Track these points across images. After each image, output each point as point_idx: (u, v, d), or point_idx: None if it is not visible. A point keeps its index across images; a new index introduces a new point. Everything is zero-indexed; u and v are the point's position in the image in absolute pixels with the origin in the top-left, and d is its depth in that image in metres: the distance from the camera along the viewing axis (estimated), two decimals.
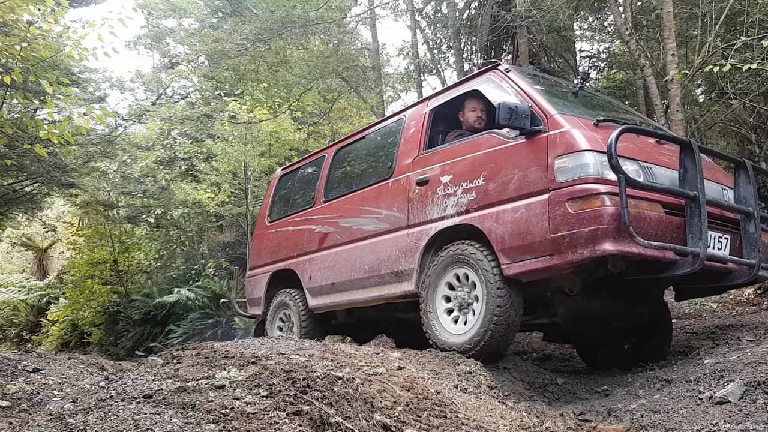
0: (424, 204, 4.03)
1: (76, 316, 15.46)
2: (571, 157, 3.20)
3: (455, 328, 3.73)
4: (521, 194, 3.41)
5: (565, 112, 3.49)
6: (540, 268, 3.28)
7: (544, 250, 3.24)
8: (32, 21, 5.22)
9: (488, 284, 3.49)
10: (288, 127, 11.88)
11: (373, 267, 4.37)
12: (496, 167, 3.59)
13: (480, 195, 3.65)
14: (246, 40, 11.30)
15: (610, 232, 3.03)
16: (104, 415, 2.03)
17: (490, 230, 3.52)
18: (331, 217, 4.96)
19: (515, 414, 2.82)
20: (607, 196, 3.07)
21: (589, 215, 3.07)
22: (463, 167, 3.82)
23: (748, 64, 6.15)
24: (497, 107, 3.39)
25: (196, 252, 14.11)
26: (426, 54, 12.66)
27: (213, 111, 14.60)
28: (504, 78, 3.89)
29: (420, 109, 4.48)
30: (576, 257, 3.11)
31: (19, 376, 3.94)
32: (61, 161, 12.32)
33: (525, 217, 3.34)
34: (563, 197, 3.18)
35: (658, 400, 3.12)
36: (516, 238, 3.37)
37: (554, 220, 3.19)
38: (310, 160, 5.79)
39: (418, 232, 4.05)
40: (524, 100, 3.58)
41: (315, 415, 2.09)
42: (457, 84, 4.40)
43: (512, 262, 3.39)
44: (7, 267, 24.81)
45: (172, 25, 19.73)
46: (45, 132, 5.36)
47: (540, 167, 3.33)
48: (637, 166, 3.26)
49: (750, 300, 5.86)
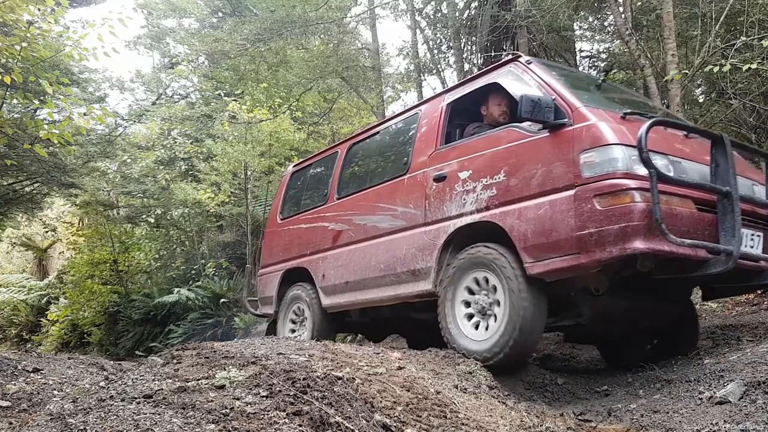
0: (442, 201, 3.92)
1: (76, 316, 15.47)
2: (599, 151, 3.08)
3: (476, 333, 3.59)
4: (545, 190, 3.28)
5: (590, 104, 3.37)
6: (566, 267, 3.15)
7: (570, 248, 3.11)
8: (32, 21, 5.22)
9: (510, 286, 3.35)
10: (288, 127, 11.88)
11: (389, 265, 4.27)
12: (517, 162, 3.46)
13: (501, 191, 3.52)
14: (246, 40, 11.29)
15: (641, 229, 2.90)
16: (104, 415, 2.03)
17: (512, 227, 3.40)
18: (344, 214, 4.86)
19: (515, 414, 2.82)
20: (638, 191, 2.95)
21: (619, 212, 2.95)
22: (482, 162, 3.70)
23: (748, 64, 6.15)
24: (519, 100, 3.29)
25: (196, 252, 14.11)
26: (426, 54, 12.65)
27: (213, 111, 14.61)
28: (525, 70, 3.76)
29: (436, 104, 4.36)
30: (604, 256, 2.98)
31: (19, 376, 3.94)
32: (61, 161, 12.32)
33: (549, 214, 3.22)
34: (590, 193, 3.06)
35: (658, 400, 3.12)
36: (540, 236, 3.25)
37: (581, 216, 3.07)
38: (322, 156, 5.68)
39: (435, 230, 3.94)
40: (547, 93, 3.47)
41: (315, 415, 2.09)
42: (475, 77, 4.25)
43: (536, 260, 3.26)
44: (7, 267, 24.80)
45: (172, 25, 19.73)
46: (45, 132, 5.36)
47: (565, 162, 3.21)
48: (666, 161, 3.14)
49: (750, 300, 5.86)
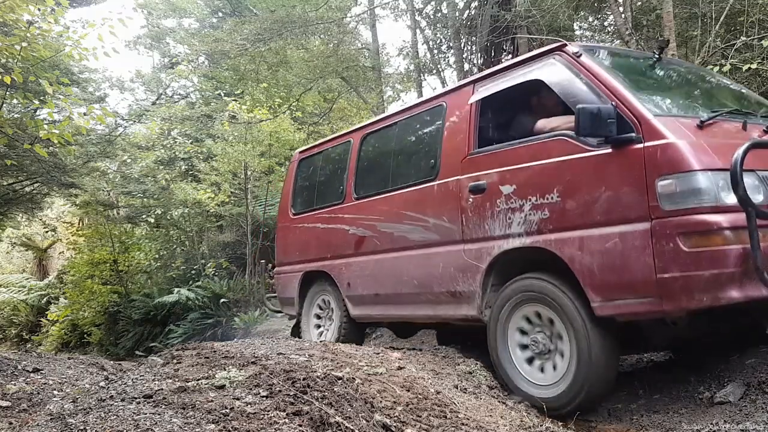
0: (482, 217, 3.47)
1: (76, 316, 15.46)
2: (680, 179, 2.62)
3: (540, 377, 3.20)
4: (612, 219, 2.83)
5: (660, 112, 2.90)
6: (643, 311, 2.76)
7: (648, 291, 2.69)
8: (32, 21, 5.21)
9: (576, 326, 2.95)
10: (288, 127, 11.88)
11: (424, 283, 3.91)
12: (574, 181, 2.99)
13: (555, 214, 3.06)
14: (246, 40, 11.29)
15: (737, 276, 2.52)
16: (104, 415, 2.03)
17: (572, 258, 2.95)
18: (366, 218, 4.51)
19: (515, 414, 2.82)
20: (731, 231, 2.54)
21: (710, 255, 2.54)
22: (529, 177, 3.22)
23: (748, 64, 6.15)
24: (576, 114, 2.83)
25: (196, 252, 14.09)
26: (426, 54, 12.65)
27: (213, 111, 14.60)
28: (574, 63, 3.19)
29: (465, 97, 3.81)
30: (693, 304, 2.59)
31: (19, 376, 3.95)
32: (61, 161, 12.31)
33: (620, 249, 2.77)
34: (673, 230, 2.61)
35: (658, 400, 3.12)
36: (609, 273, 2.81)
37: (662, 256, 2.63)
38: (332, 144, 5.25)
39: (477, 250, 3.52)
40: (604, 96, 2.96)
41: (315, 415, 2.09)
42: (511, 66, 3.64)
43: (605, 300, 2.83)
44: (7, 267, 24.79)
45: (172, 25, 19.73)
46: (45, 132, 5.36)
47: (636, 188, 2.74)
48: (755, 180, 2.68)
49: None
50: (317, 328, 5.18)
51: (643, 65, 3.64)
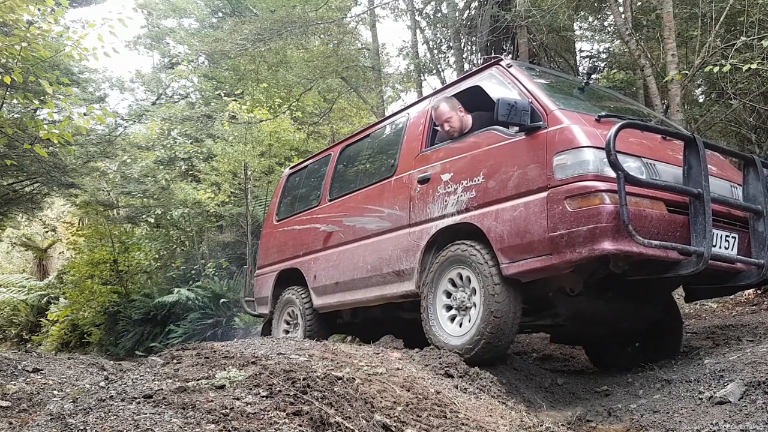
0: (425, 202, 4.00)
1: (76, 316, 15.47)
2: (570, 153, 3.16)
3: (454, 329, 3.69)
4: (520, 192, 3.36)
5: (566, 107, 3.44)
6: (539, 267, 3.23)
7: (542, 249, 3.19)
8: (32, 21, 5.23)
9: (486, 285, 3.45)
10: (288, 127, 11.89)
11: (376, 266, 4.35)
12: (495, 164, 3.55)
13: (480, 193, 3.61)
14: (246, 40, 11.29)
15: (609, 230, 2.97)
16: (104, 415, 2.03)
17: (489, 229, 3.48)
18: (335, 215, 4.95)
19: (515, 414, 2.82)
20: (607, 193, 3.01)
21: (588, 213, 3.02)
22: (463, 165, 3.78)
23: (748, 64, 6.16)
24: (496, 103, 3.35)
25: (196, 252, 14.10)
26: (426, 54, 12.66)
27: (213, 111, 14.59)
28: (505, 73, 3.84)
29: (423, 107, 4.46)
30: (575, 256, 3.06)
31: (19, 376, 3.95)
32: (61, 161, 12.32)
33: (524, 216, 3.30)
34: (562, 195, 3.13)
35: (658, 400, 3.12)
36: (515, 237, 3.33)
37: (553, 218, 3.14)
38: (316, 159, 5.78)
39: (419, 231, 4.02)
40: (525, 96, 3.54)
41: (315, 415, 2.09)
42: (459, 80, 4.38)
43: (511, 261, 3.34)
44: (7, 267, 24.81)
45: (172, 25, 19.70)
46: (45, 132, 5.37)
47: (539, 164, 3.28)
48: (639, 163, 3.20)
49: (750, 300, 5.86)
50: (286, 324, 5.46)
51: (567, 83, 4.31)
